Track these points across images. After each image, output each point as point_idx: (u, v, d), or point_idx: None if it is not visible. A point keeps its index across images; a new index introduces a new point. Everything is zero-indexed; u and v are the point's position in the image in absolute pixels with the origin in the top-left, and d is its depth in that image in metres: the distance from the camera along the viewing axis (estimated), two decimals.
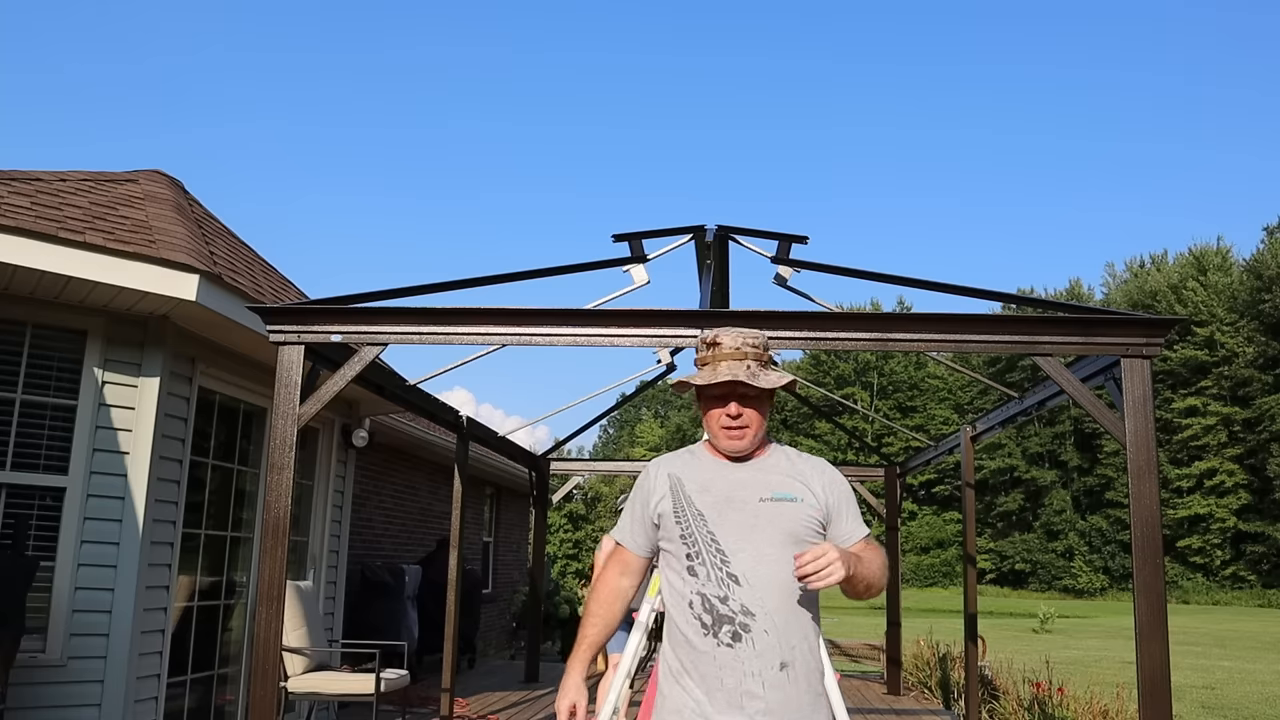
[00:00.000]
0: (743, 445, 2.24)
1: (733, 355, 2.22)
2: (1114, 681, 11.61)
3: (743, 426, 2.23)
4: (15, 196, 5.15)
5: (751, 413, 2.23)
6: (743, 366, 2.20)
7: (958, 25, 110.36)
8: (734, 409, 2.21)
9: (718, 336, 2.26)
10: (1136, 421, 4.07)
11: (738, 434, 2.23)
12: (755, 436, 2.25)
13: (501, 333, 4.40)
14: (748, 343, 2.24)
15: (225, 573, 6.53)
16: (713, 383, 2.20)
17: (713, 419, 2.25)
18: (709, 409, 2.26)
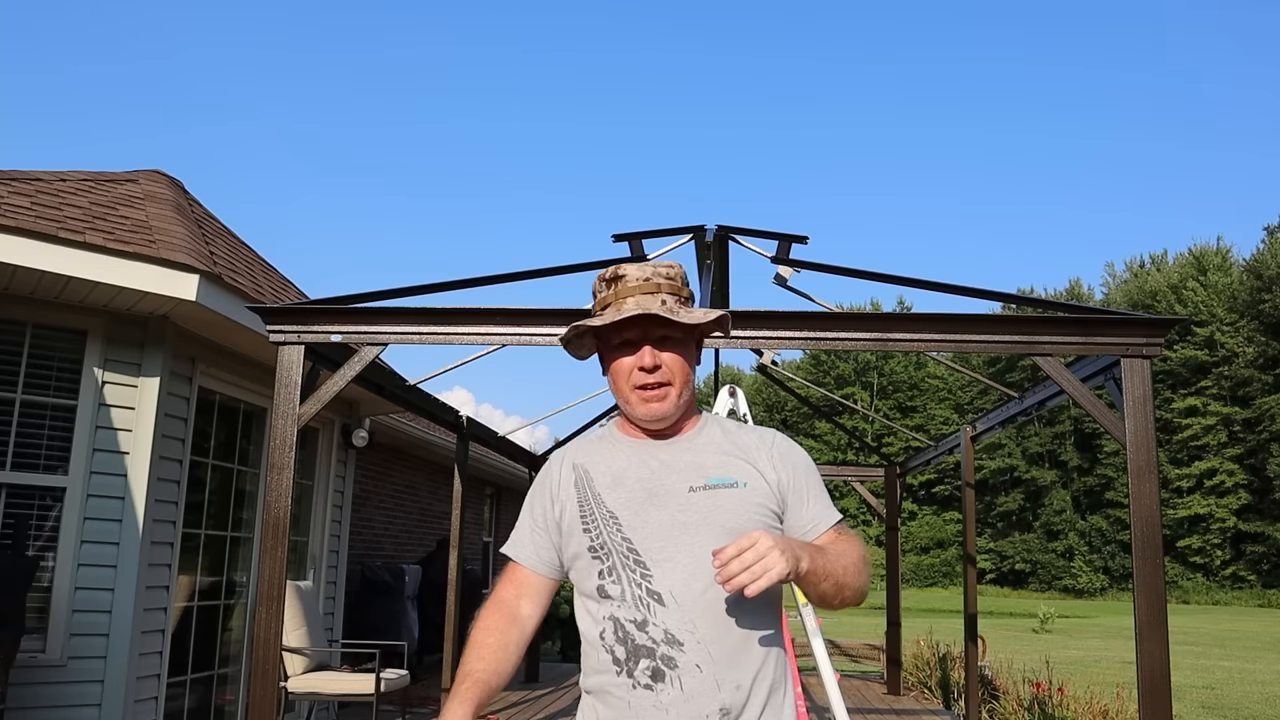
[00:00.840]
0: (664, 410, 1.68)
1: (641, 288, 1.66)
2: (1114, 681, 11.61)
3: (662, 384, 1.67)
4: (15, 196, 5.15)
5: (673, 360, 1.68)
6: (656, 300, 1.65)
7: (957, 25, 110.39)
8: (648, 357, 1.65)
9: (619, 270, 1.70)
10: (1136, 421, 4.07)
11: (656, 393, 1.67)
12: (680, 398, 1.69)
13: (501, 333, 4.40)
14: (660, 273, 1.70)
15: (225, 573, 6.54)
16: (617, 319, 1.63)
17: (621, 376, 1.69)
18: (614, 362, 1.70)
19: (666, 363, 1.68)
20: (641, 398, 1.69)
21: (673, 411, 1.70)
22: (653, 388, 1.68)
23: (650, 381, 1.67)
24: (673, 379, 1.69)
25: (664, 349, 1.68)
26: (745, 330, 4.36)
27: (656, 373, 1.67)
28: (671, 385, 1.69)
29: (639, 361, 1.67)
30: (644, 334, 1.67)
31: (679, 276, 1.73)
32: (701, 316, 1.68)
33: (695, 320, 1.67)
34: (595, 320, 1.68)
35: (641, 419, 1.71)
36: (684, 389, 1.71)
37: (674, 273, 1.72)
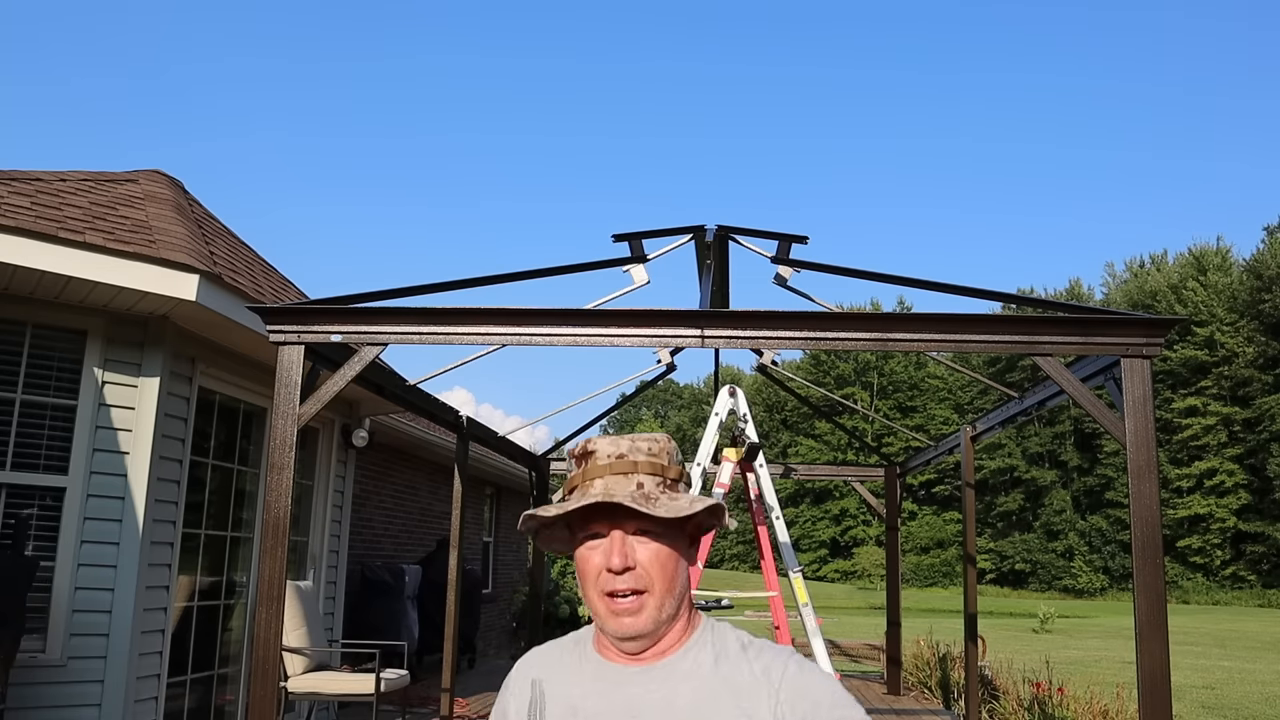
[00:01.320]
0: (638, 625, 1.31)
1: (612, 468, 1.35)
2: (1114, 681, 11.61)
3: (636, 591, 1.31)
4: (15, 196, 5.15)
5: (652, 559, 1.32)
6: (629, 483, 1.33)
7: (957, 30, 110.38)
8: (616, 555, 1.30)
9: (589, 445, 1.40)
10: (1136, 421, 4.07)
11: (627, 604, 1.31)
12: (661, 610, 1.32)
13: (501, 333, 4.40)
14: (640, 448, 1.37)
15: (225, 573, 6.54)
16: (572, 508, 1.32)
17: (586, 577, 1.35)
18: (583, 557, 1.36)
19: (643, 563, 1.31)
20: (610, 608, 1.32)
21: (649, 628, 1.31)
22: (624, 595, 1.31)
23: (620, 588, 1.30)
24: (650, 584, 1.31)
25: (640, 547, 1.32)
26: (745, 330, 4.36)
27: (628, 576, 1.30)
28: (649, 593, 1.31)
29: (606, 560, 1.31)
30: (614, 525, 1.32)
31: (664, 452, 1.38)
32: (686, 506, 1.31)
33: (673, 514, 1.29)
34: (548, 510, 1.33)
35: (610, 634, 1.34)
36: (666, 597, 1.32)
37: (658, 448, 1.38)
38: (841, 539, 70.52)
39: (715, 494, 5.21)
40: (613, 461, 1.35)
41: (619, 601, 1.32)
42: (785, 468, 10.11)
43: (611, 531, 1.33)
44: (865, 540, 67.97)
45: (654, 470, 1.36)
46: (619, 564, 1.30)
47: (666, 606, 1.33)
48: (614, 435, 1.40)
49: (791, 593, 5.03)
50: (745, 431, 5.13)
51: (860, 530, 68.97)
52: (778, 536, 5.05)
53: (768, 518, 5.09)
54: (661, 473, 1.36)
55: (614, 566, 1.30)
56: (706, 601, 10.39)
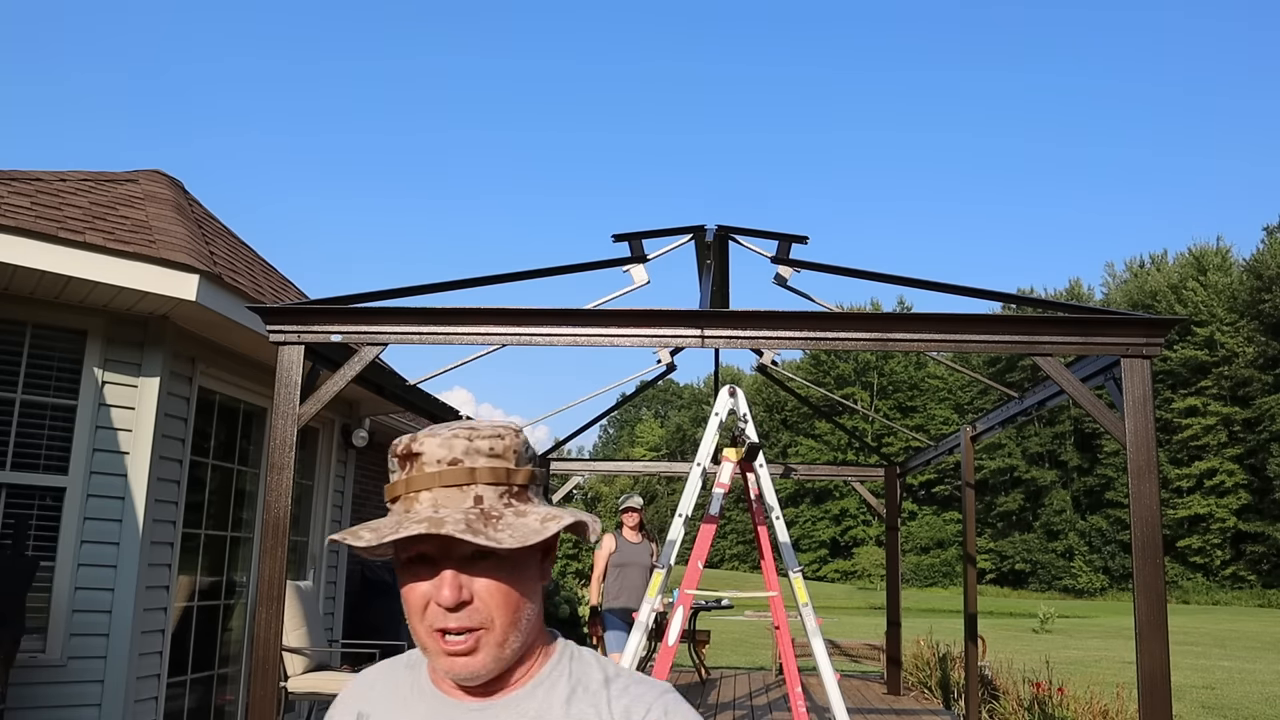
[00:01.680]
0: (475, 668, 1.09)
1: (443, 478, 1.09)
2: (1114, 681, 11.61)
3: (472, 629, 1.08)
4: (15, 196, 5.15)
5: (492, 592, 1.08)
6: (463, 499, 1.08)
7: (958, 29, 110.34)
8: (448, 589, 1.06)
9: (415, 444, 1.10)
10: (1136, 421, 4.07)
11: (461, 644, 1.08)
12: (505, 648, 1.10)
13: (501, 333, 4.40)
14: (479, 448, 1.10)
15: (225, 573, 6.54)
16: (393, 539, 1.04)
17: (412, 610, 1.10)
18: (404, 585, 1.11)
19: (481, 596, 1.06)
20: (441, 648, 1.07)
21: (488, 669, 1.09)
22: (456, 634, 1.06)
23: (453, 626, 1.06)
24: (490, 621, 1.07)
25: (479, 573, 1.06)
26: (745, 330, 4.36)
27: (462, 613, 1.06)
28: (487, 630, 1.07)
29: (435, 593, 1.06)
30: (446, 549, 1.06)
31: (510, 451, 1.10)
32: (536, 527, 1.05)
33: (520, 542, 1.03)
34: (359, 537, 1.05)
35: (445, 673, 1.11)
36: (510, 633, 1.08)
37: (501, 446, 1.10)
38: (841, 539, 70.53)
39: (715, 494, 5.20)
40: (444, 470, 1.07)
41: (451, 641, 1.07)
42: (785, 468, 10.11)
43: (443, 554, 1.06)
44: (865, 540, 67.99)
45: (497, 479, 1.09)
46: (450, 600, 1.05)
47: (510, 643, 1.09)
48: (449, 431, 1.10)
49: (791, 593, 5.03)
50: (745, 431, 5.13)
51: (860, 530, 68.98)
52: (778, 536, 5.05)
53: (768, 518, 5.09)
54: (506, 480, 1.09)
55: (444, 602, 1.05)
56: (707, 602, 10.39)
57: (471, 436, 1.09)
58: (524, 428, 2.35)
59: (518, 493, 1.11)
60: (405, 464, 1.10)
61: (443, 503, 1.07)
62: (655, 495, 66.18)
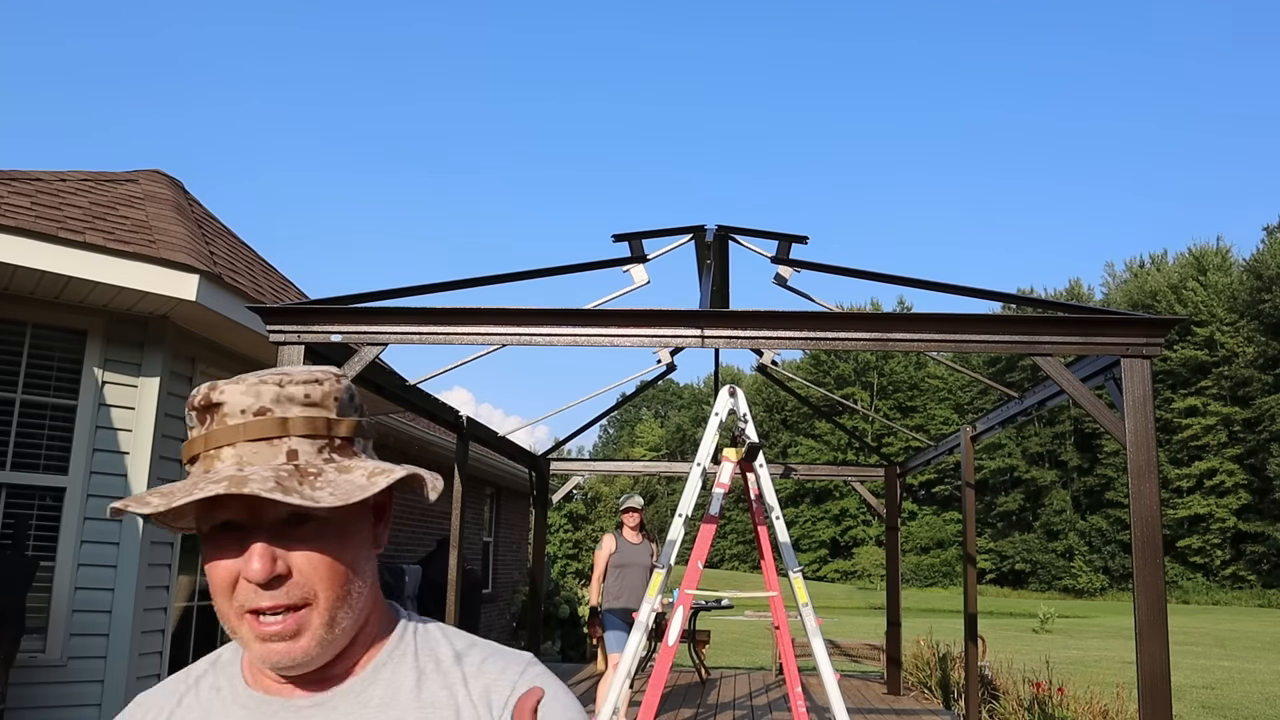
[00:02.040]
0: (296, 653, 0.91)
1: (249, 430, 0.91)
2: (1114, 681, 11.61)
3: (292, 607, 0.90)
4: (15, 196, 5.15)
5: (314, 564, 0.91)
6: (274, 454, 0.90)
7: (959, 27, 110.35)
8: (258, 561, 0.88)
9: (215, 393, 0.92)
10: (1136, 421, 4.07)
11: (278, 626, 0.90)
12: (333, 629, 0.92)
13: (501, 333, 4.40)
14: (294, 396, 0.93)
15: None
16: (186, 502, 0.85)
17: (219, 589, 0.91)
18: (209, 561, 0.93)
19: (301, 569, 0.89)
20: (256, 632, 0.89)
21: (313, 655, 0.90)
22: (271, 613, 0.89)
23: (266, 605, 0.88)
24: (313, 596, 0.89)
25: (297, 543, 0.89)
26: (745, 330, 4.36)
27: (279, 589, 0.88)
28: (311, 608, 0.89)
29: (244, 568, 0.88)
30: (255, 514, 0.88)
31: (330, 399, 0.93)
32: (362, 483, 0.88)
33: (344, 499, 0.86)
34: (147, 503, 0.85)
35: (262, 663, 0.92)
36: (338, 609, 0.90)
37: (320, 392, 0.92)
38: (841, 539, 70.54)
39: (715, 494, 5.20)
40: (249, 421, 0.89)
41: (268, 623, 0.88)
42: (785, 468, 10.11)
43: (253, 520, 0.88)
44: (865, 540, 68.00)
45: (314, 430, 0.91)
46: (261, 573, 0.86)
47: (340, 621, 0.91)
48: (256, 377, 0.92)
49: (791, 593, 5.03)
50: (745, 431, 5.13)
51: (860, 530, 68.98)
52: (778, 536, 5.05)
53: (768, 518, 5.09)
54: (326, 431, 0.92)
55: (254, 577, 0.86)
56: (707, 602, 10.39)
57: (283, 382, 0.92)
58: (524, 427, 1.83)
59: (340, 446, 0.93)
60: (205, 417, 0.91)
61: (249, 459, 0.89)
62: (655, 495, 66.18)
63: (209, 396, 0.91)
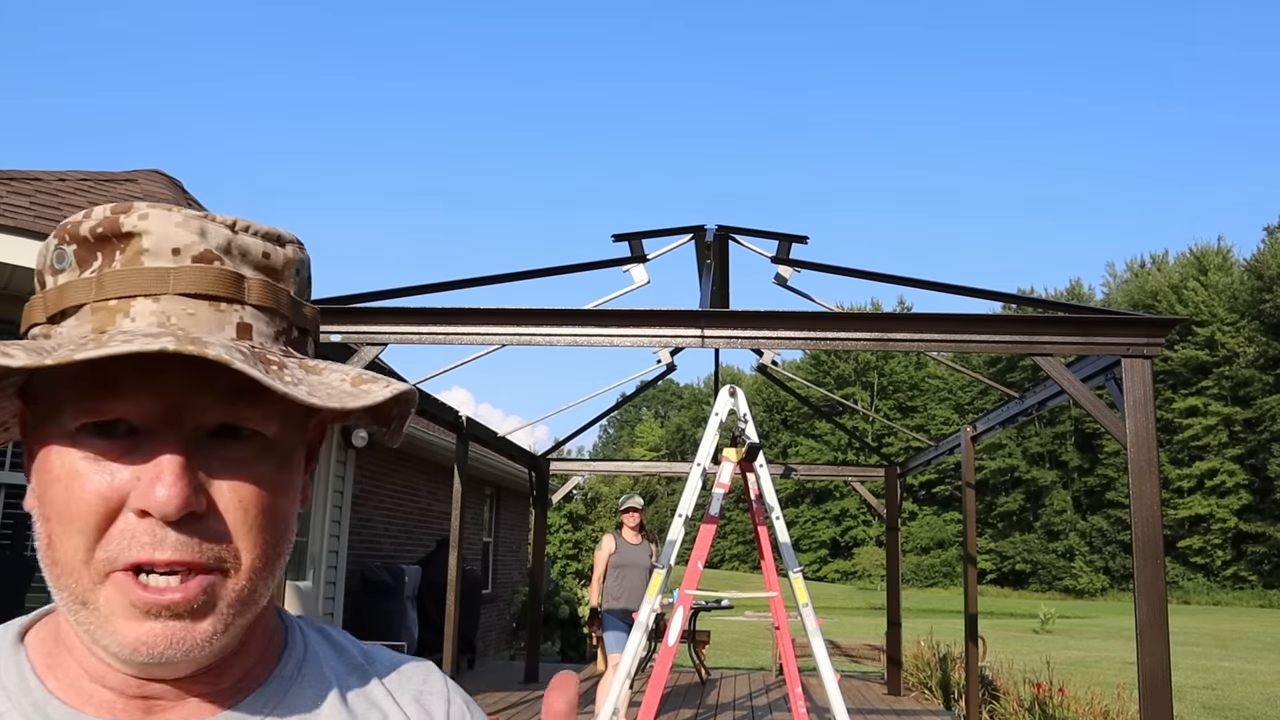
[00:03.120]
0: (192, 643, 0.56)
1: (182, 281, 0.58)
2: (1115, 682, 11.61)
3: (199, 567, 0.56)
4: (14, 196, 5.15)
5: (245, 504, 0.58)
6: (216, 321, 0.58)
7: (960, 26, 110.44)
8: (174, 486, 0.54)
9: (127, 218, 0.58)
10: (1137, 421, 4.06)
11: (176, 594, 0.55)
12: (245, 604, 0.59)
13: (501, 333, 4.40)
14: (251, 249, 0.61)
15: None
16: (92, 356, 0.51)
17: (73, 519, 0.55)
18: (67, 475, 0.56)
19: (226, 507, 0.58)
20: (134, 600, 0.55)
21: (213, 648, 0.58)
22: (172, 573, 0.56)
23: (165, 558, 0.55)
24: (230, 555, 0.58)
25: (224, 470, 0.58)
26: (745, 330, 4.35)
27: (188, 534, 0.56)
28: (231, 573, 0.58)
29: (144, 493, 0.55)
30: (173, 409, 0.57)
31: (292, 268, 0.64)
32: (349, 393, 0.58)
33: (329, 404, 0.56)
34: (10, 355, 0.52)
35: (119, 654, 0.57)
36: (259, 581, 0.60)
37: (280, 258, 0.63)
38: (842, 539, 70.53)
39: (715, 494, 5.20)
40: (186, 266, 0.58)
41: (159, 588, 0.55)
42: (785, 468, 10.11)
43: (162, 426, 0.56)
44: (865, 540, 68.00)
45: (276, 304, 0.62)
46: (177, 502, 0.54)
47: (258, 599, 0.61)
48: (192, 211, 0.61)
49: (791, 593, 5.02)
50: (745, 432, 5.13)
51: (860, 530, 68.97)
52: (778, 537, 5.05)
53: (768, 518, 5.08)
54: (289, 311, 0.63)
55: (163, 508, 0.54)
56: (707, 602, 10.39)
57: (236, 226, 0.61)
58: (524, 427, 1.45)
59: (297, 339, 0.64)
60: (100, 251, 0.59)
61: (181, 322, 0.57)
62: (655, 495, 66.20)
63: (115, 221, 0.58)
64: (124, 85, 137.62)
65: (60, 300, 0.58)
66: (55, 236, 0.60)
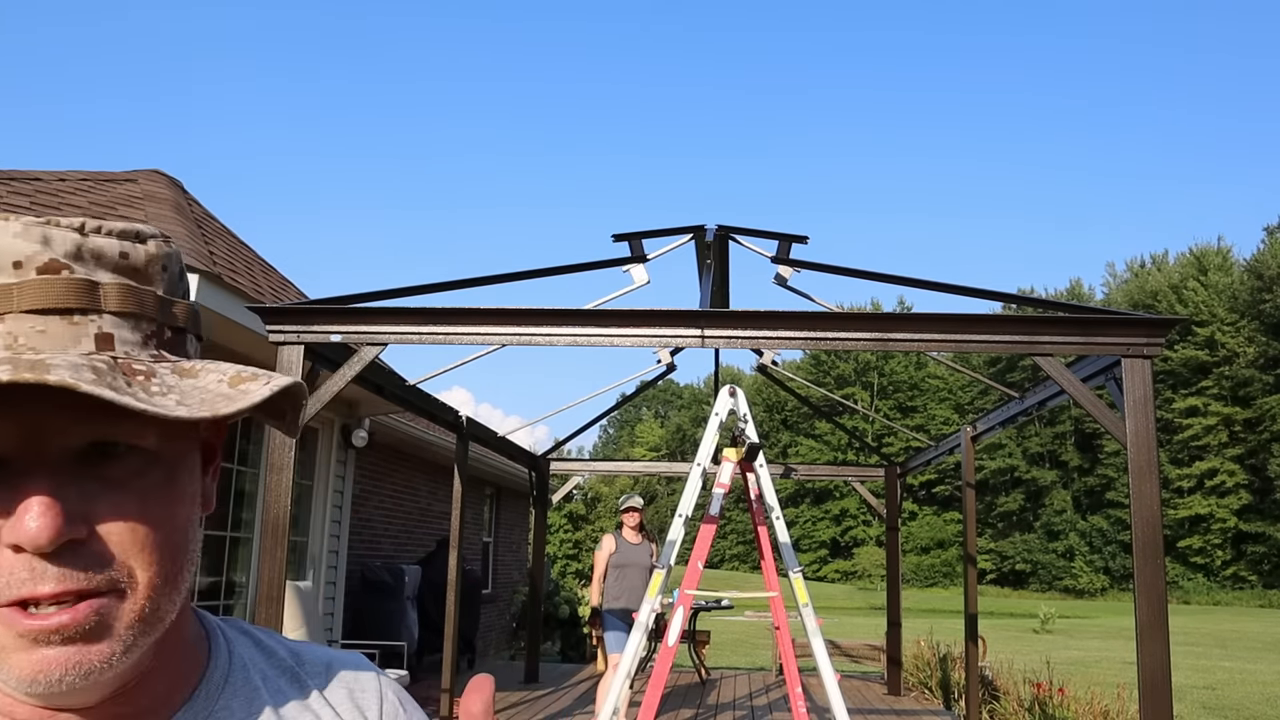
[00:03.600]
0: (88, 665, 0.53)
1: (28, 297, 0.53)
2: (1115, 682, 11.61)
3: (89, 593, 0.53)
4: (15, 196, 5.15)
5: (131, 527, 0.55)
6: (72, 336, 0.54)
7: (959, 26, 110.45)
8: (43, 518, 0.51)
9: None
10: (1137, 421, 4.06)
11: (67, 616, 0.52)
12: (148, 624, 0.56)
13: (501, 333, 4.40)
14: (105, 251, 0.56)
15: (225, 573, 6.53)
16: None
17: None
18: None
19: (109, 531, 0.54)
20: (22, 630, 0.52)
21: (114, 669, 0.55)
22: (63, 604, 0.53)
23: (48, 591, 0.52)
24: (124, 576, 0.55)
25: (101, 493, 0.54)
26: (745, 330, 4.35)
27: (71, 561, 0.53)
28: (127, 594, 0.55)
29: (13, 528, 0.52)
30: (33, 442, 0.53)
31: (157, 264, 0.59)
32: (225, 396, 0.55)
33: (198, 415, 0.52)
34: None
35: (26, 689, 0.54)
36: (161, 599, 0.57)
37: (141, 256, 0.58)
38: (842, 539, 70.54)
39: (715, 494, 5.20)
40: (31, 280, 0.54)
41: (45, 616, 0.53)
42: (785, 468, 10.11)
43: (24, 455, 0.53)
44: (865, 540, 68.00)
45: (140, 308, 0.58)
46: (48, 535, 0.51)
47: (163, 616, 0.58)
48: (37, 218, 0.56)
49: (791, 593, 5.02)
50: (745, 432, 5.13)
51: (860, 530, 68.97)
52: (778, 537, 5.05)
53: (768, 518, 5.08)
54: (156, 313, 0.59)
55: (34, 541, 0.51)
56: (707, 602, 10.39)
57: (85, 229, 0.56)
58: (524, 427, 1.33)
59: (171, 340, 0.60)
60: None
61: (31, 342, 0.53)
62: (655, 495, 66.20)
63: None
64: (123, 87, 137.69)
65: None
66: None
